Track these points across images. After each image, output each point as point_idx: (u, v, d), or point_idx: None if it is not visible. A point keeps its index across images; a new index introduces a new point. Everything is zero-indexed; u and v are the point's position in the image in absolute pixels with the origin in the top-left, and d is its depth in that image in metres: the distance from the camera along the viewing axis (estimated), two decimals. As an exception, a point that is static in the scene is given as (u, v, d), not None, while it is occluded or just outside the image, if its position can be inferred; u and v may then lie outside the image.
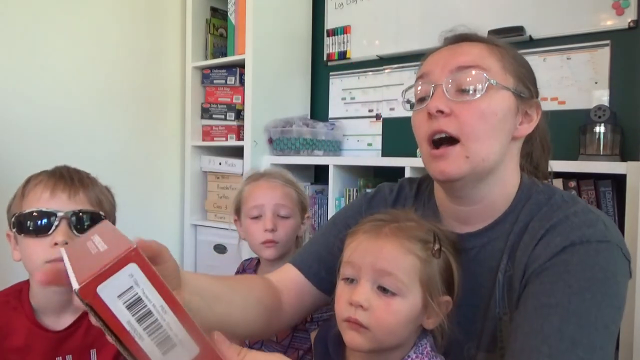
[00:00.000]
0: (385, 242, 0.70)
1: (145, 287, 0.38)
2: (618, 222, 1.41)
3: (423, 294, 0.69)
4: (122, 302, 0.37)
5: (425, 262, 0.69)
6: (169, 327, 0.39)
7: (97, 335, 0.93)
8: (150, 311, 0.38)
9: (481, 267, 0.77)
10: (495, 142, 0.72)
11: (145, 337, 0.38)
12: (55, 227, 0.85)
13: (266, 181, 1.23)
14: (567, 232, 0.68)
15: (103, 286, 0.37)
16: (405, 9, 2.04)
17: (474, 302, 0.76)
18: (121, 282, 0.37)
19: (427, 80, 0.76)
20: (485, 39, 0.78)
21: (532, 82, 0.79)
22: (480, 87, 0.71)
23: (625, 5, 1.57)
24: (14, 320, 0.89)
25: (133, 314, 0.38)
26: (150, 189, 2.27)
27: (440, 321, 0.71)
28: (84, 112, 1.99)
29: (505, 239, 0.76)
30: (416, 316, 0.70)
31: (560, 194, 0.76)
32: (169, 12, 2.31)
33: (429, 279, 0.70)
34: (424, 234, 0.72)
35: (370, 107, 2.19)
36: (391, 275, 0.68)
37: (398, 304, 0.68)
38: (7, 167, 1.71)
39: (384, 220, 0.73)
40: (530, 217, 0.74)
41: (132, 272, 0.37)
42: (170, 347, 0.39)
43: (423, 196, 0.89)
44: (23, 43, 1.80)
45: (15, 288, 0.94)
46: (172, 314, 0.39)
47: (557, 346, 0.60)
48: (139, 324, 0.38)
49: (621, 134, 1.50)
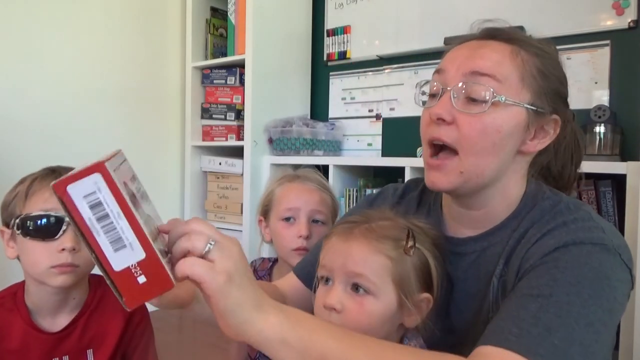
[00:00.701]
0: (354, 243, 0.69)
1: (106, 195, 0.46)
2: (618, 222, 1.42)
3: (397, 293, 0.68)
4: (86, 202, 0.46)
5: (397, 261, 0.68)
6: (121, 231, 0.47)
7: (93, 336, 0.93)
8: (108, 214, 0.47)
9: (480, 272, 0.76)
10: (493, 158, 0.70)
11: (101, 234, 0.47)
12: (62, 232, 0.84)
13: (302, 183, 1.16)
14: (561, 235, 0.66)
15: (72, 186, 0.46)
16: (405, 9, 2.04)
17: (475, 307, 0.76)
18: (87, 186, 0.46)
19: (441, 78, 0.74)
20: (515, 39, 0.72)
21: (556, 96, 0.74)
22: (488, 101, 0.68)
23: (625, 5, 1.57)
24: (9, 321, 0.89)
25: (93, 214, 0.47)
26: (150, 189, 2.23)
27: (421, 319, 0.70)
28: (84, 111, 1.99)
29: (504, 244, 0.75)
30: (391, 315, 0.68)
31: (566, 201, 0.73)
32: (169, 12, 2.31)
33: (402, 277, 0.68)
34: (398, 232, 0.70)
35: (370, 107, 2.19)
36: (361, 276, 0.67)
37: (371, 304, 0.67)
38: (7, 167, 1.71)
39: (355, 222, 0.72)
40: (532, 224, 0.72)
41: (97, 180, 0.46)
42: (121, 246, 0.48)
43: (429, 198, 0.88)
44: (22, 43, 1.80)
45: (10, 289, 0.93)
46: (125, 221, 0.47)
47: (529, 329, 0.58)
48: (98, 222, 0.47)
49: (621, 134, 1.50)
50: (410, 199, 0.89)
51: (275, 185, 1.21)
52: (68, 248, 0.83)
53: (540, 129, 0.73)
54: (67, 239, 0.84)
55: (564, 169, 0.83)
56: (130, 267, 0.48)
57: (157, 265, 0.49)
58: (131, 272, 0.48)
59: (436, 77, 0.75)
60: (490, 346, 0.58)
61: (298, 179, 1.18)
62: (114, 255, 0.48)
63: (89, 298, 0.94)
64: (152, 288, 0.49)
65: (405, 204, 0.89)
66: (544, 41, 0.75)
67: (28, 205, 0.87)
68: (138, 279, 0.48)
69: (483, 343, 0.60)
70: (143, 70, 2.20)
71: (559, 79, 0.75)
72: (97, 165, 0.46)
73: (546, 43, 0.75)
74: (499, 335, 0.59)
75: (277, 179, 1.22)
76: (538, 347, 0.56)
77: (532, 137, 0.72)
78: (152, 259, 0.49)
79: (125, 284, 0.48)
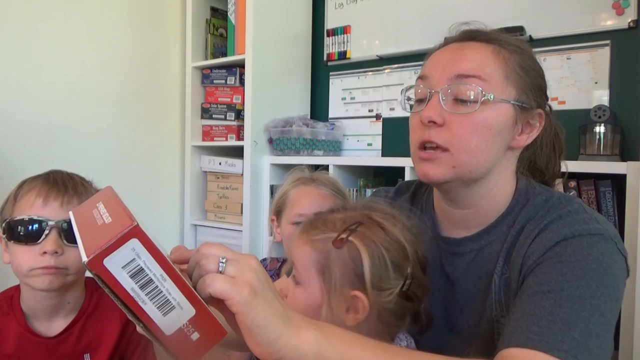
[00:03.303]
0: (296, 236, 0.73)
1: (146, 258, 0.43)
2: (618, 222, 1.42)
3: (320, 284, 0.67)
4: (126, 272, 0.43)
5: (320, 252, 0.67)
6: (168, 293, 0.44)
7: (90, 340, 0.92)
8: (151, 279, 0.44)
9: (479, 271, 0.76)
10: (486, 155, 0.71)
11: (147, 301, 0.44)
12: (45, 235, 0.84)
13: (316, 188, 1.16)
14: (559, 229, 0.67)
15: (109, 259, 0.42)
16: (405, 9, 2.04)
17: (474, 306, 0.76)
18: (125, 255, 0.42)
19: (426, 83, 0.75)
20: (494, 38, 0.74)
21: (539, 91, 0.76)
22: (477, 101, 0.69)
23: (625, 5, 1.57)
24: (5, 326, 0.88)
25: (136, 282, 0.43)
26: (150, 189, 2.27)
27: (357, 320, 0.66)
28: (84, 111, 1.99)
29: (502, 242, 0.75)
30: (316, 307, 0.67)
31: (557, 196, 0.75)
32: (169, 12, 2.31)
33: (326, 269, 0.67)
34: (342, 225, 0.68)
35: (370, 107, 2.19)
36: (294, 265, 0.70)
37: (298, 293, 0.69)
38: (6, 168, 1.70)
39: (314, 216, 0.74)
40: (527, 220, 0.73)
41: (134, 246, 0.43)
42: (170, 309, 0.45)
43: (421, 199, 0.88)
44: (23, 43, 1.80)
45: (6, 294, 0.93)
46: (170, 282, 0.44)
47: (549, 326, 0.58)
48: (142, 290, 0.44)
49: (621, 134, 1.50)
50: (402, 202, 0.90)
51: (290, 187, 1.19)
52: (49, 251, 0.83)
53: (526, 123, 0.75)
54: (49, 242, 0.84)
55: (549, 162, 0.85)
56: (183, 327, 0.45)
57: (208, 318, 0.46)
58: (184, 332, 0.46)
59: (420, 82, 0.76)
60: (514, 348, 0.59)
61: (313, 183, 1.17)
62: (163, 320, 0.45)
63: (85, 302, 0.94)
64: (207, 341, 0.47)
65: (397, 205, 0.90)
66: (520, 40, 0.77)
67: (16, 210, 0.87)
68: (191, 337, 0.46)
69: (505, 346, 0.60)
70: (143, 70, 2.20)
71: (539, 73, 0.76)
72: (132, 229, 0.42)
73: (522, 42, 0.77)
74: (520, 335, 0.59)
75: (293, 181, 1.21)
76: (561, 343, 0.57)
77: (520, 132, 0.74)
78: (202, 312, 0.46)
79: (179, 346, 0.46)
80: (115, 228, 0.43)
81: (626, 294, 1.25)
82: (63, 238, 0.85)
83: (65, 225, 0.86)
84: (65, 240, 0.85)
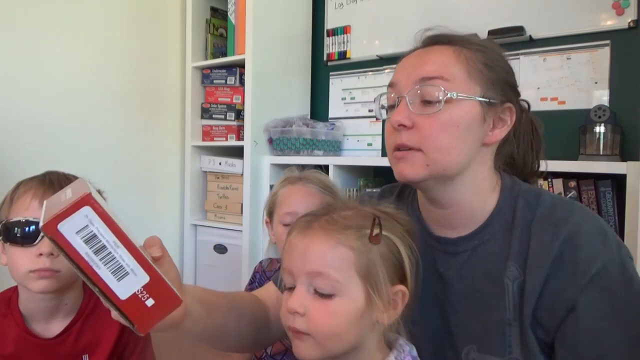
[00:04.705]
0: (313, 239, 0.64)
1: (99, 225, 0.46)
2: (618, 222, 1.41)
3: (365, 288, 0.63)
4: (80, 237, 0.45)
5: (361, 252, 0.63)
6: (121, 259, 0.47)
7: (88, 341, 0.92)
8: (105, 245, 0.46)
9: (475, 270, 0.76)
10: (458, 151, 0.72)
11: (101, 266, 0.46)
12: (41, 237, 0.83)
13: (303, 186, 1.15)
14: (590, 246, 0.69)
15: (63, 224, 0.45)
16: (405, 9, 2.04)
17: (471, 305, 0.76)
18: (78, 221, 0.45)
19: (395, 90, 0.78)
20: (456, 40, 0.77)
21: (506, 86, 0.77)
22: (441, 100, 0.71)
23: (625, 5, 1.57)
24: (3, 327, 0.88)
25: (90, 247, 0.46)
26: (150, 189, 2.27)
27: (397, 315, 0.65)
28: (83, 111, 1.99)
29: (500, 242, 0.75)
30: (361, 313, 0.63)
31: (547, 194, 0.77)
32: (169, 12, 2.31)
33: (369, 269, 0.63)
34: (362, 220, 0.65)
35: (370, 107, 2.19)
36: (322, 274, 0.62)
37: (336, 304, 0.62)
38: (5, 168, 1.71)
39: (316, 215, 0.68)
40: (528, 221, 0.74)
41: (87, 213, 0.45)
42: (124, 274, 0.47)
43: (406, 201, 0.89)
44: (23, 43, 1.80)
45: (4, 295, 0.93)
46: (123, 248, 0.47)
47: None
48: (96, 255, 0.46)
49: (621, 134, 1.50)
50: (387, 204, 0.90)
51: (278, 187, 1.20)
52: (45, 253, 0.83)
53: (497, 119, 0.76)
54: (45, 244, 0.83)
55: (526, 157, 0.86)
56: (137, 293, 0.48)
57: (163, 285, 0.49)
58: (138, 298, 0.48)
59: (390, 90, 0.79)
60: None
61: (300, 181, 1.17)
62: (117, 285, 0.47)
63: (83, 304, 0.94)
64: (162, 308, 0.50)
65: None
66: (484, 40, 0.80)
67: (12, 211, 0.87)
68: (146, 303, 0.48)
69: None
70: (143, 70, 2.20)
71: (505, 69, 0.78)
72: (84, 198, 0.45)
73: (487, 41, 0.79)
74: None
75: (281, 180, 1.22)
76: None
77: (492, 127, 0.76)
78: (156, 280, 0.49)
79: (134, 310, 0.48)
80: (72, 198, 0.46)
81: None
82: None
83: None
84: None
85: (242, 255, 2.10)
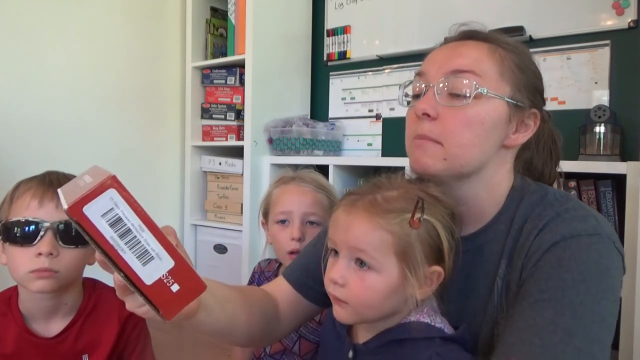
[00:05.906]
0: (356, 217, 0.68)
1: (124, 209, 0.45)
2: (618, 222, 1.42)
3: (400, 268, 0.66)
4: (105, 220, 0.45)
5: (399, 236, 0.66)
6: (146, 243, 0.46)
7: (88, 341, 0.92)
8: (130, 229, 0.46)
9: (476, 270, 0.76)
10: (478, 150, 0.71)
11: (127, 250, 0.46)
12: (40, 237, 0.84)
13: (296, 185, 1.16)
14: (558, 228, 0.68)
15: (88, 207, 0.44)
16: (405, 9, 2.04)
17: (471, 306, 0.76)
18: (103, 204, 0.44)
19: (423, 79, 0.76)
20: (492, 38, 0.76)
21: (535, 91, 0.76)
22: (470, 94, 0.70)
23: (625, 5, 1.57)
24: (3, 326, 0.88)
25: (115, 231, 0.45)
26: (150, 188, 2.27)
27: (431, 291, 0.69)
28: (83, 111, 1.99)
29: (501, 242, 0.75)
30: (396, 288, 0.67)
31: (552, 193, 0.75)
32: (169, 12, 2.31)
33: (406, 252, 0.66)
34: (405, 203, 0.67)
35: (370, 107, 2.19)
36: (363, 251, 0.67)
37: (372, 278, 0.66)
38: (5, 169, 1.71)
39: (360, 194, 0.71)
40: (525, 219, 0.73)
41: (112, 196, 0.45)
42: (149, 259, 0.47)
43: None
44: (23, 43, 1.80)
45: (4, 295, 0.93)
46: (148, 232, 0.47)
47: (550, 338, 0.59)
48: (121, 239, 0.45)
49: (621, 134, 1.50)
50: None
51: (272, 187, 1.21)
52: (44, 253, 0.83)
53: (521, 122, 0.75)
54: (45, 244, 0.84)
55: (545, 166, 0.85)
56: (162, 278, 0.47)
57: (187, 270, 0.49)
58: (163, 283, 0.47)
59: (418, 78, 0.77)
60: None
61: (294, 181, 1.17)
62: (143, 269, 0.47)
63: (83, 303, 0.94)
64: (187, 294, 0.49)
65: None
66: (518, 42, 0.78)
67: (12, 211, 0.87)
68: (172, 288, 0.48)
69: (507, 356, 0.61)
70: (143, 70, 2.20)
71: (535, 74, 0.77)
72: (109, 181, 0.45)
73: (520, 44, 0.78)
74: (522, 347, 0.60)
75: (275, 181, 1.23)
76: (563, 354, 0.58)
77: (515, 130, 0.75)
78: (181, 265, 0.48)
79: (159, 296, 0.48)
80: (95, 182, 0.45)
81: (626, 294, 1.25)
82: (59, 239, 0.85)
83: (61, 227, 0.85)
84: (61, 242, 0.85)
85: (242, 255, 2.10)
